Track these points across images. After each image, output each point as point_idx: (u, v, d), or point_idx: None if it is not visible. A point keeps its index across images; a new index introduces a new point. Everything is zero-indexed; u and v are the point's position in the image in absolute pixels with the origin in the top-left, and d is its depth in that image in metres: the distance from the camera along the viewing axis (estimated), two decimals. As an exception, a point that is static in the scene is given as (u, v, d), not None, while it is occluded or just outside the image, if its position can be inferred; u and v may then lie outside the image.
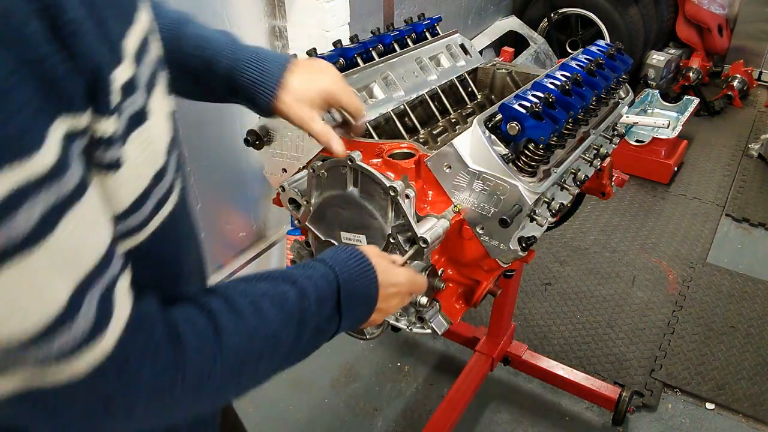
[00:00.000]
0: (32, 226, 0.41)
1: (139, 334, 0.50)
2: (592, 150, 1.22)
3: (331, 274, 0.73)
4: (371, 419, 2.11)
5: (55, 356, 0.44)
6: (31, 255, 0.41)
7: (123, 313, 0.49)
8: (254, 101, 0.88)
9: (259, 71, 0.86)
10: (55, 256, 0.42)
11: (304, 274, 0.71)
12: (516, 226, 0.95)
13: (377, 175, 0.93)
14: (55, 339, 0.44)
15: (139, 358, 0.50)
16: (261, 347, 0.62)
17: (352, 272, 0.75)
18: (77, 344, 0.45)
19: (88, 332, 0.45)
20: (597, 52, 1.26)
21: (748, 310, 2.60)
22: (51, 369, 0.45)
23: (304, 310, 0.67)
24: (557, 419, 2.12)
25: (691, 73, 4.46)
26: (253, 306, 0.63)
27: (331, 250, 0.79)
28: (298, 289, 0.68)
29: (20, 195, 0.40)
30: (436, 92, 1.37)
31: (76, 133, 0.44)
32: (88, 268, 0.45)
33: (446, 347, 2.40)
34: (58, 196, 0.42)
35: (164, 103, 0.56)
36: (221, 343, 0.58)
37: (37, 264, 0.41)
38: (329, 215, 1.05)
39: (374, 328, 1.10)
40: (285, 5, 2.23)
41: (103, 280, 0.47)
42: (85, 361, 0.46)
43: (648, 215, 3.27)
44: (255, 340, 0.61)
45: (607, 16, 4.12)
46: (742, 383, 2.24)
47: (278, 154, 1.14)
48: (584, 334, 2.45)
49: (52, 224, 0.42)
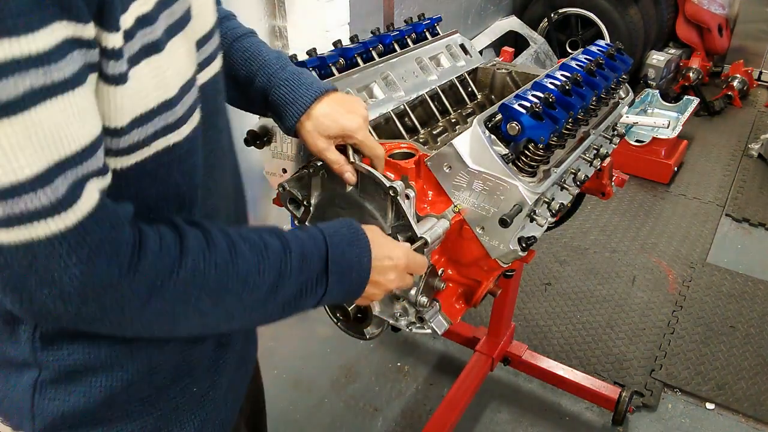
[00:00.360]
0: (16, 95, 0.48)
1: (103, 227, 0.56)
2: (592, 150, 1.22)
3: (319, 237, 0.75)
4: (371, 419, 2.11)
5: (14, 217, 0.51)
6: (9, 121, 0.48)
7: (89, 203, 0.55)
8: (282, 120, 0.94)
9: (292, 94, 0.92)
10: (32, 131, 0.50)
11: (293, 232, 0.75)
12: (516, 226, 0.95)
13: (377, 175, 0.93)
14: (16, 202, 0.50)
15: (96, 248, 0.55)
16: (227, 282, 0.65)
17: (342, 238, 0.77)
18: (38, 212, 0.52)
19: (50, 207, 0.52)
20: (597, 52, 1.26)
21: (748, 310, 2.60)
22: (10, 229, 0.52)
23: (285, 263, 0.70)
24: (557, 419, 2.12)
25: (691, 73, 4.46)
26: (229, 243, 0.66)
27: (333, 221, 0.81)
28: (282, 242, 0.71)
29: (7, 66, 0.47)
30: (436, 92, 1.37)
31: (80, 41, 0.52)
32: (65, 153, 0.52)
33: (446, 347, 2.40)
34: (46, 80, 0.50)
35: (185, 49, 0.64)
36: (181, 261, 0.62)
37: (11, 131, 0.49)
38: (329, 215, 1.05)
39: (374, 328, 1.09)
40: (285, 5, 2.23)
41: (78, 170, 0.54)
42: (42, 230, 0.52)
43: (648, 215, 3.27)
44: (222, 272, 0.65)
45: (607, 16, 4.12)
46: (742, 383, 2.24)
47: (278, 154, 1.14)
48: (584, 334, 2.45)
49: (35, 102, 0.49)
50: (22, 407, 0.70)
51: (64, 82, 0.51)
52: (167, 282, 0.61)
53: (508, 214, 0.94)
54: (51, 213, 0.52)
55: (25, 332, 0.67)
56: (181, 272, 0.62)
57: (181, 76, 0.64)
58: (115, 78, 0.56)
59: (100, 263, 0.56)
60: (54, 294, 0.55)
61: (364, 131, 0.93)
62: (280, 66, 0.94)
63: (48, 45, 0.49)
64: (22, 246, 0.52)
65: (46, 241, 0.53)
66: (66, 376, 0.68)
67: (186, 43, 0.65)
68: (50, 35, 0.49)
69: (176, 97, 0.63)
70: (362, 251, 0.79)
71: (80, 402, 0.69)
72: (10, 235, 0.52)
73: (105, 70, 0.56)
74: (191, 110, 0.67)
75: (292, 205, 1.09)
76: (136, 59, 0.58)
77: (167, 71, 0.62)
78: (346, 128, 0.92)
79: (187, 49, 0.65)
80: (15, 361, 0.69)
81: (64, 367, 0.68)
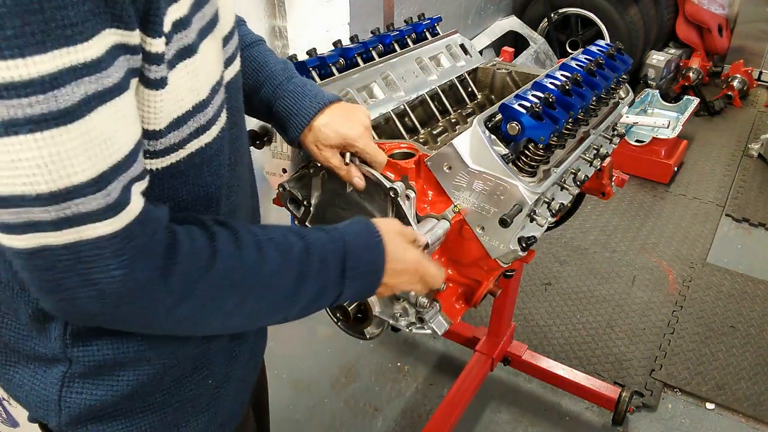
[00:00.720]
0: (72, 103, 0.50)
1: (145, 230, 0.58)
2: (592, 150, 1.22)
3: (339, 240, 0.76)
4: (371, 419, 2.11)
5: (65, 220, 0.53)
6: (66, 128, 0.50)
7: (137, 206, 0.57)
8: (285, 131, 0.96)
9: (296, 106, 0.94)
10: (86, 137, 0.52)
11: (315, 235, 0.76)
12: (516, 226, 0.95)
13: (378, 176, 0.93)
14: (68, 205, 0.52)
15: (138, 251, 0.57)
16: (253, 282, 0.67)
17: (361, 242, 0.78)
18: (89, 215, 0.53)
19: (102, 210, 0.54)
20: (597, 52, 1.26)
21: (748, 310, 2.60)
22: (59, 231, 0.53)
23: (307, 265, 0.72)
24: (557, 419, 2.12)
25: (691, 73, 4.46)
26: (256, 244, 0.68)
27: (348, 220, 0.82)
28: (305, 244, 0.73)
29: (65, 74, 0.49)
30: (436, 92, 1.37)
31: (126, 47, 0.54)
32: (117, 158, 0.54)
33: (446, 347, 2.40)
34: (98, 87, 0.52)
35: (215, 50, 0.67)
36: (213, 263, 0.63)
37: (67, 137, 0.50)
38: (329, 216, 1.05)
39: (374, 328, 1.09)
40: (285, 5, 2.23)
41: (128, 174, 0.56)
42: (91, 233, 0.54)
43: (648, 215, 3.27)
44: (249, 272, 0.67)
45: (607, 16, 4.11)
46: (742, 383, 2.24)
47: (278, 154, 1.14)
48: (584, 334, 2.45)
49: (90, 108, 0.51)
50: (48, 400, 0.72)
51: (113, 88, 0.53)
52: (199, 283, 0.62)
53: (508, 214, 0.94)
54: (102, 216, 0.54)
55: (56, 329, 0.68)
56: (212, 273, 0.63)
57: (212, 77, 0.66)
58: (156, 82, 0.58)
59: (139, 266, 0.57)
60: (92, 295, 0.56)
61: (365, 139, 0.93)
62: (286, 77, 0.96)
63: (100, 52, 0.51)
64: (69, 247, 0.54)
65: (93, 243, 0.55)
66: (95, 370, 0.70)
67: (215, 44, 0.67)
68: (101, 42, 0.51)
69: (208, 99, 0.65)
70: (378, 256, 0.80)
71: (107, 395, 0.71)
72: (58, 237, 0.53)
73: (146, 75, 0.58)
74: (220, 110, 0.69)
75: (293, 206, 1.09)
76: (173, 63, 0.60)
77: (200, 73, 0.64)
78: (346, 137, 0.93)
79: (216, 50, 0.68)
80: (44, 357, 0.71)
81: (94, 362, 0.70)
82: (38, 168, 0.50)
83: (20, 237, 0.53)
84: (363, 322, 1.08)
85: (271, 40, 2.30)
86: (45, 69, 0.48)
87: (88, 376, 0.70)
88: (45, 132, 0.50)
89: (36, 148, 0.50)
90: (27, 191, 0.51)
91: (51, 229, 0.53)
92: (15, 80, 0.48)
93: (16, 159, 0.49)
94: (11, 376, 0.75)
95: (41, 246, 0.53)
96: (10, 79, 0.47)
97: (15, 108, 0.48)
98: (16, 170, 0.50)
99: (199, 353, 0.78)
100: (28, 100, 0.48)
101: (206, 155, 0.68)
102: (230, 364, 0.84)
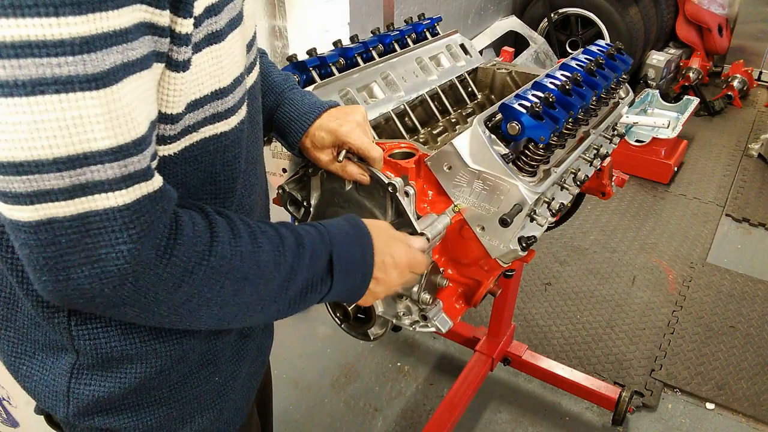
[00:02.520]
0: (102, 69, 0.50)
1: (156, 208, 0.58)
2: (592, 150, 1.22)
3: (326, 235, 0.77)
4: (371, 419, 2.11)
5: (78, 187, 0.53)
6: (92, 94, 0.51)
7: (152, 181, 0.57)
8: (285, 137, 0.98)
9: (296, 113, 0.96)
10: (112, 106, 0.52)
11: (304, 228, 0.77)
12: (516, 226, 0.95)
13: (376, 172, 0.93)
14: (84, 172, 0.52)
15: (146, 228, 0.57)
16: (248, 271, 0.67)
17: (347, 236, 0.79)
18: (103, 184, 0.53)
19: (118, 180, 0.54)
20: (597, 52, 1.26)
21: (748, 310, 2.60)
22: (69, 201, 0.53)
23: (297, 258, 0.73)
24: (557, 419, 2.12)
25: (691, 73, 4.46)
26: (250, 235, 0.69)
27: (338, 217, 0.83)
28: (296, 237, 0.74)
29: (97, 39, 0.50)
30: (436, 92, 1.37)
31: (154, 27, 0.55)
32: (137, 133, 0.55)
33: (446, 347, 2.41)
34: (125, 58, 0.52)
35: (240, 45, 0.69)
36: (212, 248, 0.63)
37: (92, 103, 0.51)
38: (329, 215, 1.05)
39: (377, 328, 1.09)
40: (285, 5, 2.23)
41: (145, 151, 0.56)
42: (102, 203, 0.54)
43: (648, 215, 3.27)
44: (244, 261, 0.67)
45: (607, 16, 4.12)
46: (742, 383, 2.24)
47: (278, 154, 1.14)
48: (584, 334, 2.45)
49: (117, 78, 0.52)
50: (57, 390, 0.72)
51: (137, 62, 0.54)
52: (198, 267, 0.62)
53: (508, 214, 0.94)
54: (116, 186, 0.54)
55: (61, 317, 0.69)
56: (212, 259, 0.63)
57: (236, 69, 0.68)
58: (180, 64, 0.59)
59: (145, 243, 0.57)
60: (93, 273, 0.55)
61: (357, 134, 0.94)
62: (288, 87, 0.99)
63: (128, 23, 0.52)
64: (77, 218, 0.53)
65: (103, 215, 0.54)
66: (103, 362, 0.70)
67: (241, 40, 0.69)
68: (130, 15, 0.52)
69: (229, 87, 0.67)
70: (366, 250, 0.80)
71: (115, 388, 0.71)
72: (68, 208, 0.53)
73: (172, 57, 0.58)
74: (240, 103, 0.71)
75: (293, 207, 1.09)
76: (200, 46, 0.62)
77: (224, 61, 0.65)
78: (338, 134, 0.93)
79: (241, 45, 0.69)
80: (53, 346, 0.72)
81: (102, 354, 0.70)
82: (59, 130, 0.50)
83: (27, 208, 0.52)
84: (366, 323, 1.08)
85: (271, 40, 2.31)
86: (77, 31, 0.49)
87: (96, 367, 0.71)
88: (71, 94, 0.50)
89: (60, 110, 0.50)
90: (44, 155, 0.51)
91: (62, 197, 0.52)
92: (47, 38, 0.48)
93: (39, 120, 0.49)
94: (20, 366, 0.75)
95: (48, 218, 0.53)
96: (42, 37, 0.48)
97: (44, 67, 0.48)
98: (37, 132, 0.50)
99: (205, 349, 0.79)
100: (58, 60, 0.48)
101: (221, 144, 0.69)
102: (237, 362, 0.85)
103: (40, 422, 0.84)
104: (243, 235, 0.67)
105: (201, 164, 0.68)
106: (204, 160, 0.68)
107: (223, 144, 0.69)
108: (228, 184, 0.73)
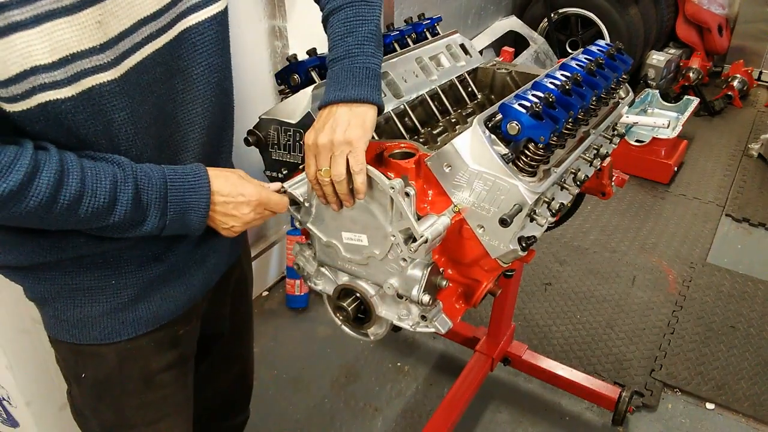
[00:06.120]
0: None
1: None
2: (592, 150, 1.22)
3: (162, 170, 0.90)
4: (371, 419, 2.11)
5: None
6: None
7: None
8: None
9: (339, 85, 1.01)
10: None
11: (144, 169, 0.88)
12: (516, 226, 0.95)
13: (376, 173, 0.93)
14: None
15: None
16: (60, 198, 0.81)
17: (184, 182, 0.91)
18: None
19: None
20: (597, 52, 1.26)
21: (748, 310, 2.60)
22: None
23: (128, 178, 0.85)
24: (557, 419, 2.12)
25: (691, 73, 4.46)
26: (80, 163, 0.82)
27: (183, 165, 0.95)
28: (129, 164, 0.87)
29: None
30: (436, 92, 1.37)
31: None
32: None
33: (446, 347, 2.41)
34: None
35: (72, 29, 0.76)
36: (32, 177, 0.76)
37: None
38: (329, 215, 1.05)
39: (377, 328, 1.09)
40: (285, 5, 2.23)
41: None
42: None
43: (648, 215, 3.27)
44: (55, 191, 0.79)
45: (607, 16, 4.12)
46: (742, 383, 2.24)
47: (278, 154, 1.14)
48: (584, 334, 2.45)
49: None
50: None
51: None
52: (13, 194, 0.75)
53: (508, 214, 0.94)
54: None
55: None
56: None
57: (61, 52, 0.75)
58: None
59: None
60: None
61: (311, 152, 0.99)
62: (332, 58, 1.02)
63: None
64: None
65: None
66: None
67: (56, 29, 0.75)
68: None
69: (54, 65, 0.75)
70: (200, 196, 0.92)
71: (18, 259, 0.93)
72: None
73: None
74: (78, 76, 0.78)
75: (293, 206, 1.09)
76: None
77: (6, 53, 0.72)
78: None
79: (78, 27, 0.76)
80: None
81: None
82: None
83: None
84: (365, 322, 1.08)
85: (271, 40, 2.31)
86: None
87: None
88: None
89: None
90: None
91: None
92: None
93: None
94: None
95: None
96: None
97: None
98: None
99: (102, 252, 0.93)
100: None
101: (60, 109, 0.78)
102: (143, 278, 0.99)
103: (40, 422, 0.84)
104: (72, 162, 0.80)
105: (51, 122, 0.78)
106: (54, 119, 0.78)
107: (61, 108, 0.78)
108: (111, 142, 0.85)
